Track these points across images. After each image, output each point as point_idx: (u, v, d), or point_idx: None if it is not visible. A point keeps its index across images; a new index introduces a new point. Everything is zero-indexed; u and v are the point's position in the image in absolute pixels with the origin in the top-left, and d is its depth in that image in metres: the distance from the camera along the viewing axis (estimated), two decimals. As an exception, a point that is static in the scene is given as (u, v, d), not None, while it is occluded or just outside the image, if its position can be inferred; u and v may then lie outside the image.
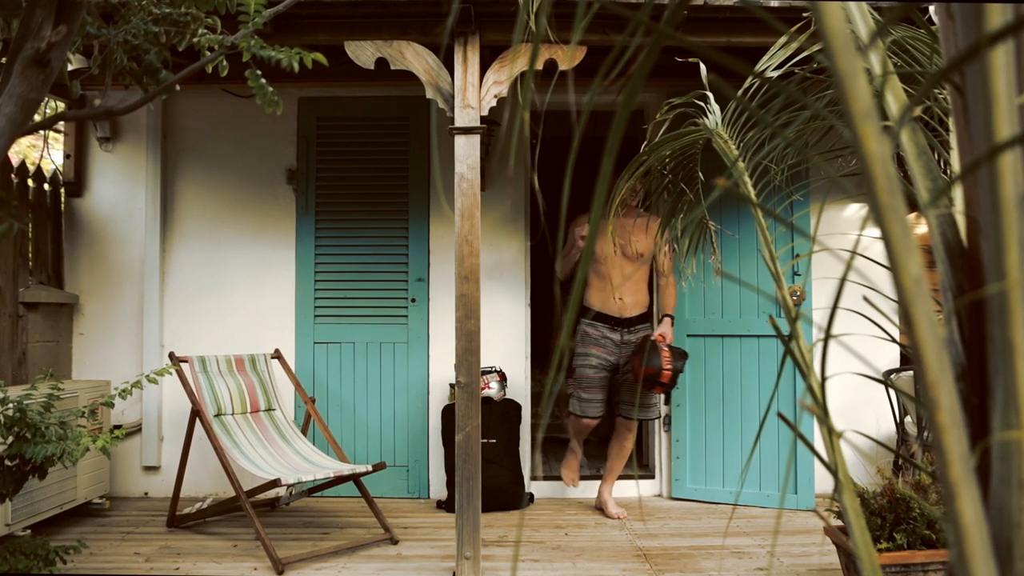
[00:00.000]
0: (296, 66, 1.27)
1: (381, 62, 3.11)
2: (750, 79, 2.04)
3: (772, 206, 3.39)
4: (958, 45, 0.85)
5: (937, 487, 2.54)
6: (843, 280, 0.97)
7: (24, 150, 7.99)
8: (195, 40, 1.21)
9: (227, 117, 4.46)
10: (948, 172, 1.42)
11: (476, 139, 3.04)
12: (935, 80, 0.80)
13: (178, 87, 1.27)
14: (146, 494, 4.36)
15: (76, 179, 4.39)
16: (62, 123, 4.54)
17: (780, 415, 1.10)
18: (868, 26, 1.17)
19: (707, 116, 2.01)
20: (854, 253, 0.97)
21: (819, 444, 3.99)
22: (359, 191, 4.41)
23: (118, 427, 4.24)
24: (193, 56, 3.92)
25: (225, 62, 1.39)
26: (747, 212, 4.12)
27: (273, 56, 1.23)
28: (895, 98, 1.06)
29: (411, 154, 4.39)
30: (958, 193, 1.06)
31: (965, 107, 0.84)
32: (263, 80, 1.32)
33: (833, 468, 1.01)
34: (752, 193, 1.65)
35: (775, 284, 1.33)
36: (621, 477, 4.51)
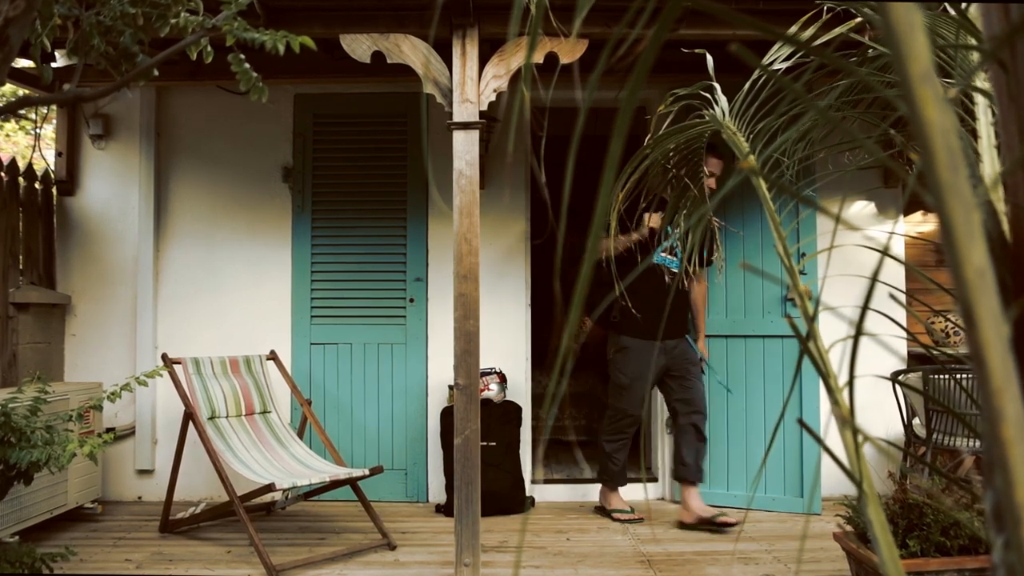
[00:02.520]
0: (281, 48, 1.20)
1: (377, 56, 3.03)
2: (763, 64, 1.95)
3: (780, 204, 3.31)
4: (1003, 20, 0.77)
5: (951, 492, 2.46)
6: (874, 278, 0.88)
7: (23, 150, 7.92)
8: (174, 21, 1.14)
9: (222, 114, 4.39)
10: (976, 160, 1.34)
11: (475, 135, 2.97)
12: (989, 54, 0.73)
13: (156, 71, 1.20)
14: (140, 498, 4.28)
15: (68, 177, 4.32)
16: (54, 121, 4.47)
17: (800, 422, 1.03)
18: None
19: (713, 107, 1.93)
20: (884, 253, 0.89)
21: (834, 447, 3.91)
22: (356, 189, 4.34)
23: (111, 430, 4.16)
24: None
25: (210, 48, 1.31)
26: (751, 210, 4.04)
27: (257, 39, 1.16)
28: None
29: (409, 151, 4.32)
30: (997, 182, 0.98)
31: (1011, 86, 0.76)
32: (247, 65, 1.25)
33: (858, 479, 0.93)
34: (764, 187, 1.57)
35: (790, 280, 1.25)
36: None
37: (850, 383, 0.97)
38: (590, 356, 5.40)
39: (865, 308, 0.90)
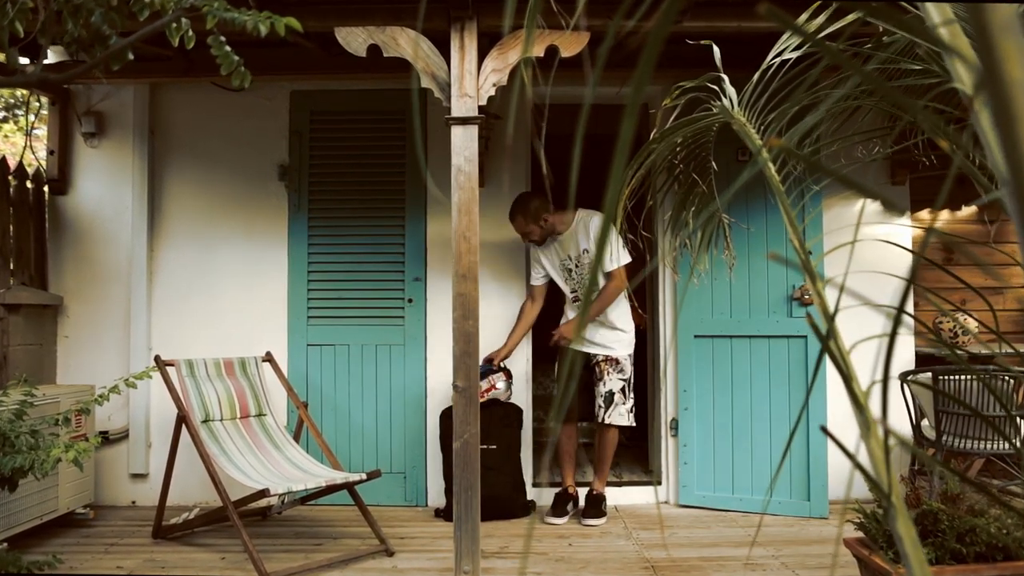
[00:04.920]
0: (263, 30, 1.12)
1: (374, 50, 2.95)
2: (770, 58, 1.88)
3: (791, 202, 3.23)
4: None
5: (969, 498, 2.38)
6: (910, 280, 0.81)
7: (21, 151, 7.83)
8: (149, 0, 1.06)
9: (216, 112, 4.31)
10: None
11: (474, 130, 2.89)
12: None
13: (131, 55, 1.12)
14: (133, 503, 4.20)
15: (60, 176, 4.24)
16: (45, 119, 4.39)
17: (825, 430, 0.94)
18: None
19: (722, 99, 1.86)
20: (918, 255, 0.82)
21: (836, 453, 3.82)
22: (354, 188, 4.26)
23: (104, 434, 4.09)
24: (180, 47, 3.76)
25: (192, 33, 1.24)
26: (755, 206, 3.96)
27: (238, 19, 1.08)
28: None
29: (408, 149, 4.24)
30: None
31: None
32: (228, 48, 1.17)
33: (887, 490, 0.86)
34: (778, 180, 1.49)
35: (805, 274, 1.18)
36: (628, 483, 4.37)
37: (884, 386, 0.89)
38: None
39: (901, 308, 0.82)
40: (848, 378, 0.99)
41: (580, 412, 4.20)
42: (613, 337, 3.87)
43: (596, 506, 3.87)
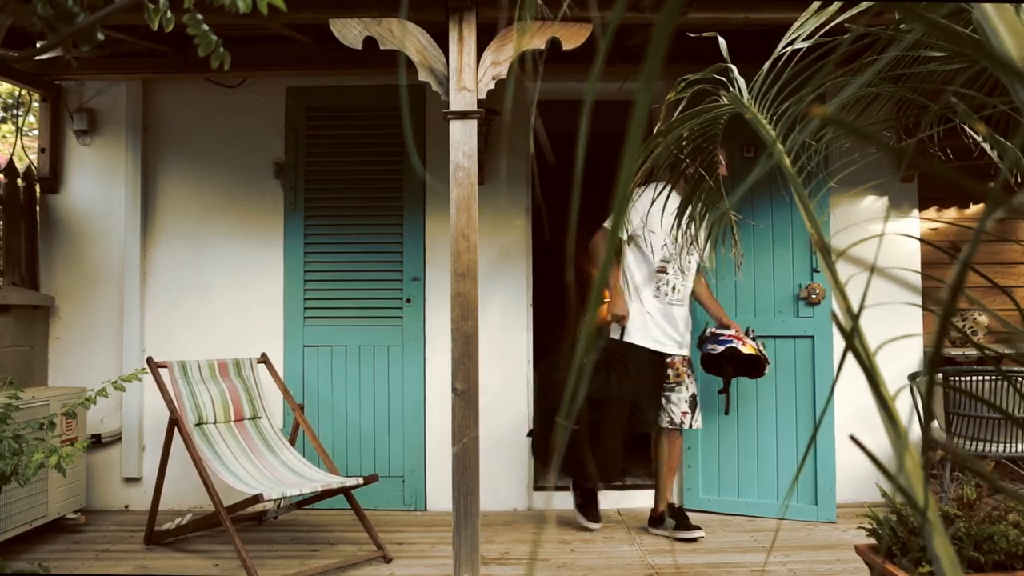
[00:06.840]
0: (242, 6, 1.04)
1: (370, 43, 2.87)
2: (781, 47, 1.80)
3: (794, 206, 3.15)
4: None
5: (986, 503, 2.30)
6: (957, 284, 0.72)
7: (19, 151, 7.74)
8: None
9: (211, 109, 4.23)
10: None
11: (473, 124, 2.81)
12: None
13: (101, 35, 1.04)
14: (127, 507, 4.12)
15: (52, 174, 4.15)
16: (36, 117, 4.31)
17: (853, 438, 0.86)
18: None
19: (731, 88, 1.78)
20: (950, 253, 0.74)
21: (843, 456, 3.74)
22: (351, 185, 4.18)
23: (96, 437, 4.01)
24: (173, 42, 3.68)
25: (170, 14, 1.16)
26: (761, 204, 3.88)
27: (215, -6, 1.01)
28: (1010, 33, 0.81)
29: (406, 146, 4.15)
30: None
31: None
32: (205, 27, 1.10)
33: (922, 505, 0.78)
34: (793, 171, 1.41)
35: (824, 268, 1.10)
36: (631, 486, 4.28)
37: (928, 391, 0.81)
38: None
39: (949, 308, 0.74)
40: (876, 381, 0.90)
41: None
42: (687, 335, 3.61)
43: (685, 516, 3.59)
